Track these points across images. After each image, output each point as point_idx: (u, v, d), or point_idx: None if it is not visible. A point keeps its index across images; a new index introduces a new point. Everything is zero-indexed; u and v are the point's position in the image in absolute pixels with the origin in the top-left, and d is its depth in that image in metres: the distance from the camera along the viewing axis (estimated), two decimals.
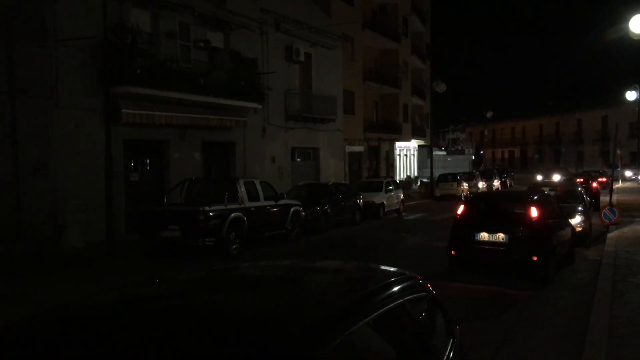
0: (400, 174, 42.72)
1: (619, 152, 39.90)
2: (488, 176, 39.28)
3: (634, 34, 12.71)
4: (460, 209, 11.24)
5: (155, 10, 17.77)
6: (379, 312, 2.42)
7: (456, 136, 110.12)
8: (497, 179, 40.22)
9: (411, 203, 29.78)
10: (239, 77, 20.36)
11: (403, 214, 25.28)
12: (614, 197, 21.78)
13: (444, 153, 59.43)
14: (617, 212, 16.97)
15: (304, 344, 1.94)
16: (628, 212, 20.97)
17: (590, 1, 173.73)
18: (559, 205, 12.45)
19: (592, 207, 18.93)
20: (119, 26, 15.69)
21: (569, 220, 12.67)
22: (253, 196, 14.86)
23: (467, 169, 45.82)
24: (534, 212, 10.38)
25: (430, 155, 38.96)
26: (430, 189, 34.93)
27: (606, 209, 17.25)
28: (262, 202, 15.13)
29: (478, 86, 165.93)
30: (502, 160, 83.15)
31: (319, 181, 25.81)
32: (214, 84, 18.97)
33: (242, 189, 14.42)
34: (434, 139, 57.25)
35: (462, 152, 59.67)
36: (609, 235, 15.56)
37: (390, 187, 24.94)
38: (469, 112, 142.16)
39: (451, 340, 3.20)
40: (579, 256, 12.59)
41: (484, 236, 10.46)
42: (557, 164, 65.04)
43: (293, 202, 17.00)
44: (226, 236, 13.41)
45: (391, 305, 2.56)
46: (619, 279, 9.73)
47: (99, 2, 13.41)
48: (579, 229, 13.63)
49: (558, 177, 24.98)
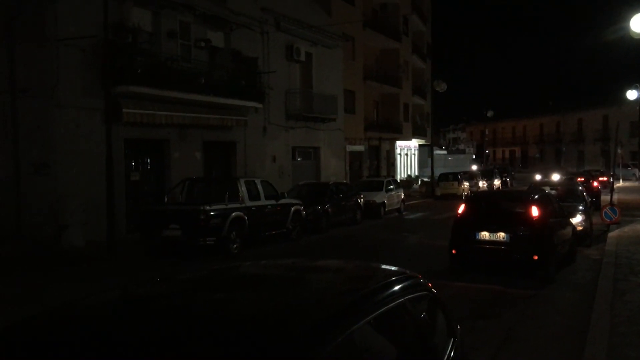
0: (400, 174, 42.71)
1: (619, 151, 39.83)
2: (489, 175, 39.27)
3: (634, 33, 12.68)
4: (461, 208, 11.24)
5: (156, 9, 17.77)
6: (380, 311, 2.42)
7: (457, 135, 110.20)
8: (498, 179, 40.21)
9: (412, 202, 29.76)
10: (239, 77, 20.36)
11: (404, 213, 25.26)
12: (615, 196, 21.77)
13: (444, 152, 59.42)
14: (618, 212, 16.97)
15: (305, 343, 1.94)
16: (629, 211, 20.98)
17: (591, 1, 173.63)
18: (559, 204, 12.44)
19: (593, 207, 18.90)
20: (120, 25, 15.70)
21: (570, 219, 12.65)
22: (254, 195, 14.86)
23: (467, 168, 45.78)
24: (534, 212, 10.38)
25: (431, 155, 38.94)
26: (431, 188, 34.93)
27: (607, 208, 17.25)
28: (263, 202, 15.13)
29: (479, 85, 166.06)
30: (503, 160, 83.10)
31: (320, 180, 25.84)
32: (215, 83, 18.97)
33: (242, 189, 14.42)
34: (435, 138, 57.29)
35: (462, 152, 59.66)
36: (610, 234, 15.57)
37: (391, 187, 24.92)
38: (469, 112, 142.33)
39: (452, 339, 3.19)
40: (580, 255, 12.58)
41: (484, 235, 10.46)
42: (558, 163, 65.00)
43: (294, 201, 16.99)
44: (227, 235, 13.41)
45: (392, 305, 2.55)
46: (620, 278, 9.73)
47: (100, 2, 13.40)
48: (579, 228, 13.62)
49: (557, 176, 24.91)
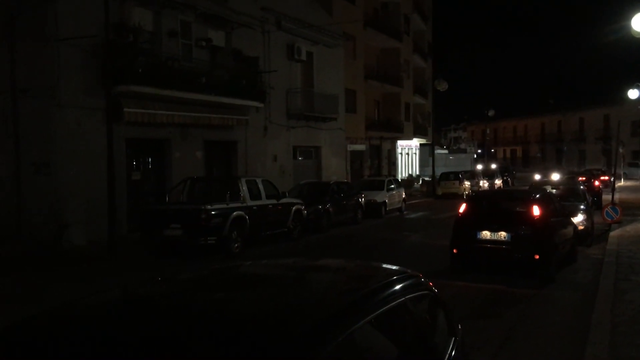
0: (401, 173, 42.69)
1: (621, 150, 39.84)
2: (490, 175, 39.27)
3: (635, 32, 12.65)
4: (462, 208, 11.24)
5: (157, 9, 17.76)
6: (381, 310, 2.42)
7: (458, 135, 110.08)
8: (499, 178, 40.21)
9: (413, 202, 29.76)
10: (240, 76, 20.34)
11: (405, 212, 25.25)
12: (616, 196, 21.74)
13: (445, 152, 59.38)
14: (619, 211, 16.96)
15: (305, 343, 1.94)
16: (630, 210, 20.96)
17: (591, 0, 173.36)
18: (561, 203, 12.43)
19: (594, 206, 18.88)
20: (121, 25, 15.69)
21: (571, 218, 12.64)
22: (255, 195, 14.85)
23: (468, 168, 45.76)
24: (536, 211, 10.37)
25: (432, 154, 38.92)
26: (432, 188, 34.91)
27: (608, 207, 17.23)
28: (264, 201, 15.12)
29: (480, 85, 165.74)
30: (504, 159, 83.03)
31: (321, 180, 25.81)
32: (216, 82, 18.96)
33: (244, 188, 14.41)
34: (436, 137, 57.25)
35: (464, 151, 59.61)
36: (611, 233, 15.56)
37: (392, 186, 24.91)
38: (470, 111, 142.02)
39: (453, 338, 3.19)
40: (581, 255, 12.57)
41: (486, 235, 10.45)
42: (559, 162, 64.96)
43: (295, 200, 16.99)
44: (228, 235, 13.41)
45: (393, 304, 2.55)
46: (621, 277, 9.72)
47: (100, 1, 13.40)
48: (581, 227, 13.62)
49: (557, 176, 24.86)
